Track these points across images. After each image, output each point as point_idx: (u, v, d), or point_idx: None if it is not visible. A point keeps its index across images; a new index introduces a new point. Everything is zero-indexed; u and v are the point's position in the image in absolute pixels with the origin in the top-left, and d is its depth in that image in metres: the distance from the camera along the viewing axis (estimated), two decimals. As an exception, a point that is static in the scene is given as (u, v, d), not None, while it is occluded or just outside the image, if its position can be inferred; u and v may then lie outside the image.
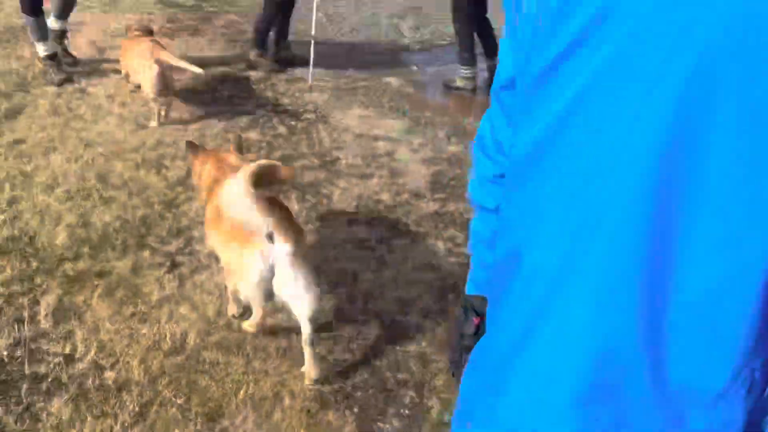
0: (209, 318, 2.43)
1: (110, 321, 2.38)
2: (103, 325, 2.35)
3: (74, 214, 3.00)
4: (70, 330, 2.33)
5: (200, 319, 2.42)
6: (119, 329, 2.34)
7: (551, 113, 0.70)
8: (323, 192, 3.39)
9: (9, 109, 3.98)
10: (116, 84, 4.46)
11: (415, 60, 5.67)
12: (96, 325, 2.35)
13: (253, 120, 4.17)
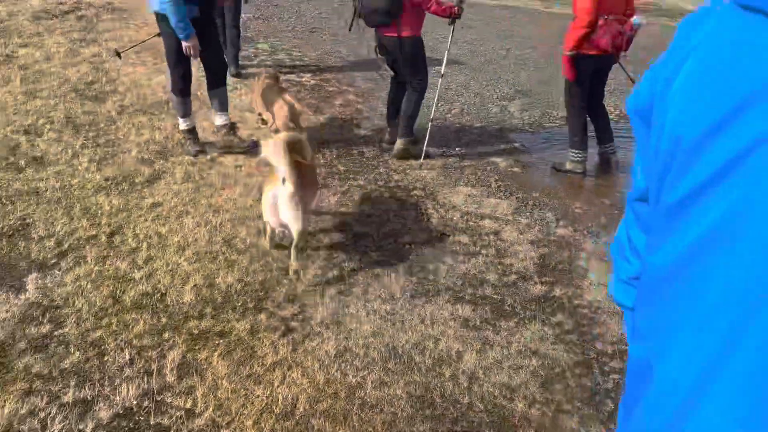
0: (319, 385, 2.53)
1: (228, 380, 2.53)
2: (222, 384, 2.50)
3: (201, 274, 3.26)
4: (192, 385, 2.50)
5: (310, 386, 2.52)
6: (236, 389, 2.48)
7: (688, 238, 0.75)
8: (429, 268, 3.46)
9: (150, 174, 4.42)
10: (239, 148, 4.85)
11: (523, 141, 5.74)
12: (215, 382, 2.51)
13: (366, 194, 4.37)
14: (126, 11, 9.68)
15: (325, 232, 3.80)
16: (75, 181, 4.21)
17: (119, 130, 5.15)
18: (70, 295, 3.01)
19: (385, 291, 3.22)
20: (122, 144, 4.89)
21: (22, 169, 4.33)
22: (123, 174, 4.37)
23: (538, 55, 9.16)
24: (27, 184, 4.11)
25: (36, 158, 4.52)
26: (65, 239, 3.51)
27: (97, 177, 4.28)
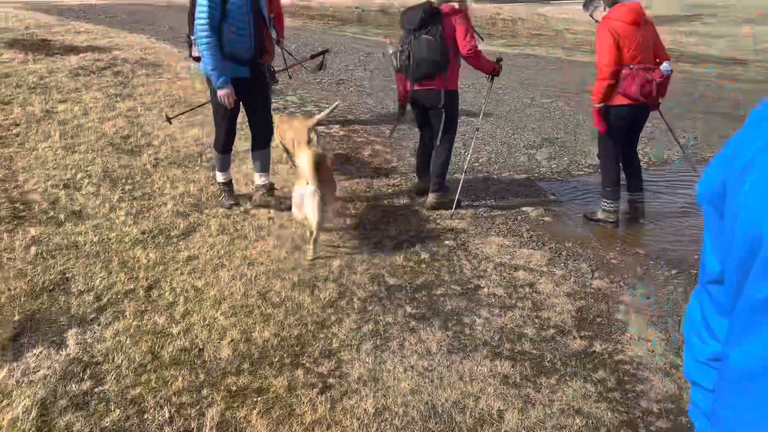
0: (358, 446, 2.49)
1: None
2: (261, 443, 2.48)
3: (238, 329, 3.27)
4: (231, 445, 2.47)
5: (350, 446, 2.48)
6: (275, 449, 2.46)
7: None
8: (465, 321, 3.43)
9: (186, 227, 4.49)
10: (276, 207, 4.91)
11: (552, 189, 5.74)
12: (255, 442, 2.49)
13: (397, 245, 4.38)
14: (159, 66, 10.03)
15: (358, 285, 3.79)
16: (113, 235, 4.29)
17: (155, 183, 5.27)
18: (109, 350, 3.04)
19: (421, 346, 3.18)
20: (158, 197, 5.00)
21: (62, 223, 4.43)
22: (159, 227, 4.45)
23: (563, 104, 9.22)
24: (66, 238, 4.21)
25: (75, 212, 4.63)
26: (104, 293, 3.56)
27: (134, 230, 4.36)
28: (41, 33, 12.22)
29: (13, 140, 6.20)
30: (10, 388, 2.75)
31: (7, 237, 4.17)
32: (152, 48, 11.72)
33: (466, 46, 4.66)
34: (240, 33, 4.30)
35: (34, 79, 8.65)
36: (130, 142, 6.33)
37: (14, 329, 3.19)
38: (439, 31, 4.59)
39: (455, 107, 4.85)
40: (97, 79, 8.91)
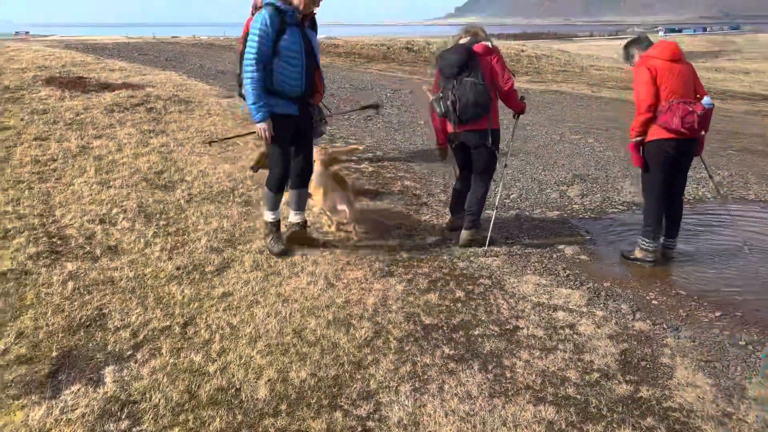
0: (402, 494, 2.41)
1: (308, 485, 2.43)
2: (302, 489, 2.41)
3: (274, 368, 3.22)
4: (271, 490, 2.41)
5: (393, 494, 2.40)
6: (317, 495, 2.38)
7: None
8: (505, 364, 3.35)
9: (220, 263, 4.49)
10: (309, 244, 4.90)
11: (586, 227, 5.65)
12: (295, 488, 2.42)
13: (432, 282, 4.33)
14: (191, 103, 10.23)
15: (393, 323, 3.74)
16: (148, 270, 4.31)
17: (188, 219, 5.31)
18: (147, 389, 3.01)
19: (461, 389, 3.11)
20: (192, 232, 5.03)
21: (98, 258, 4.47)
22: (194, 262, 4.46)
23: (593, 140, 9.18)
24: (103, 273, 4.23)
25: (111, 247, 4.67)
26: (140, 330, 3.56)
27: (169, 266, 4.38)
28: (77, 70, 12.60)
29: (50, 175, 6.33)
30: (49, 426, 2.73)
31: (45, 272, 4.21)
32: (184, 85, 11.99)
33: (507, 83, 4.67)
34: (292, 70, 4.31)
35: (71, 115, 8.87)
36: (164, 177, 6.41)
37: (52, 365, 3.19)
38: (480, 73, 4.60)
39: (497, 145, 4.84)
40: (131, 116, 9.11)
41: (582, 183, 7.03)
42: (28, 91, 10.16)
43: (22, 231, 4.87)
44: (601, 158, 8.16)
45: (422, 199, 6.25)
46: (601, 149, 8.66)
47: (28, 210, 5.32)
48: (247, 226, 5.24)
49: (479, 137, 4.77)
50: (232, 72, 14.45)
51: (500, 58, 4.71)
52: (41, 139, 7.60)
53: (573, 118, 11.09)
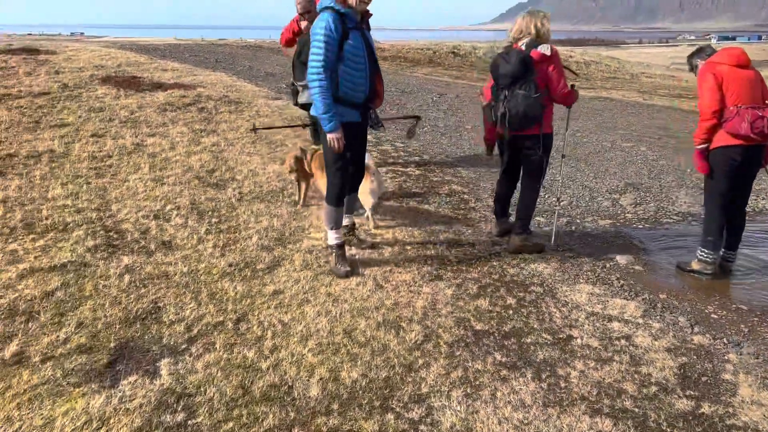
0: (457, 500, 2.37)
1: (361, 486, 2.42)
2: (355, 490, 2.40)
3: (325, 367, 3.23)
4: (324, 489, 2.41)
5: (448, 500, 2.37)
6: (370, 497, 2.37)
7: None
8: (559, 373, 3.28)
9: (271, 261, 4.54)
10: (357, 246, 4.91)
11: (640, 237, 5.51)
12: (349, 488, 2.41)
13: (481, 288, 4.28)
14: (241, 103, 10.39)
15: (443, 328, 3.71)
16: (201, 266, 4.38)
17: (240, 217, 5.39)
18: (201, 383, 3.05)
19: (514, 396, 3.05)
20: (243, 230, 5.09)
21: (153, 253, 4.56)
22: (245, 260, 4.52)
23: (645, 148, 8.96)
24: (157, 268, 4.32)
25: (165, 242, 4.77)
26: (194, 324, 3.61)
27: (221, 262, 4.44)
28: (131, 70, 12.95)
29: (106, 171, 6.51)
30: (108, 414, 2.79)
31: (103, 264, 4.32)
32: (234, 86, 12.20)
33: (562, 92, 4.58)
34: (357, 76, 4.09)
35: (125, 113, 9.12)
36: (215, 176, 6.52)
37: (110, 356, 3.26)
38: (534, 83, 4.50)
39: (549, 150, 4.76)
40: (183, 115, 9.31)
41: (635, 192, 6.86)
42: (86, 90, 10.48)
43: (80, 224, 5.01)
44: (654, 167, 7.96)
45: (470, 204, 6.20)
46: (654, 158, 8.44)
47: (86, 204, 5.47)
48: (297, 225, 5.28)
49: (530, 142, 4.70)
50: (280, 74, 14.65)
51: (557, 66, 4.59)
52: (98, 136, 7.83)
53: (624, 126, 10.85)
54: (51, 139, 7.51)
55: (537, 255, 4.88)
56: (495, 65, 4.70)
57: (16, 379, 3.02)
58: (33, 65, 12.31)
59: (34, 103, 9.29)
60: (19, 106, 9.03)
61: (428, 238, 5.19)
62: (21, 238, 4.66)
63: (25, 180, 6.00)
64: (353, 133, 4.25)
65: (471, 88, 16.23)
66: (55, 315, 3.63)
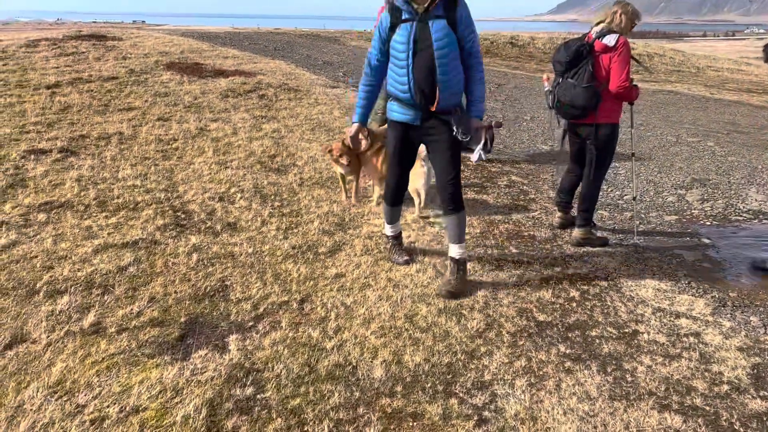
0: (523, 487, 2.37)
1: (427, 467, 2.45)
2: (421, 470, 2.42)
3: (388, 350, 3.26)
4: (391, 468, 2.44)
5: (514, 486, 2.37)
6: (436, 478, 2.39)
7: None
8: (625, 367, 3.22)
9: (332, 245, 4.60)
10: (418, 232, 4.93)
11: (708, 234, 5.33)
12: (414, 468, 2.44)
13: (543, 280, 4.23)
14: (299, 91, 10.53)
15: (505, 317, 3.69)
16: (266, 248, 4.47)
17: (301, 201, 5.47)
18: (269, 359, 3.13)
19: (579, 388, 3.02)
20: (304, 214, 5.18)
21: (219, 234, 4.69)
22: (307, 243, 4.59)
23: (713, 143, 8.65)
24: (224, 248, 4.44)
25: (230, 224, 4.89)
26: (260, 303, 3.70)
27: (284, 245, 4.53)
28: (194, 57, 13.27)
29: (172, 154, 6.71)
30: (182, 385, 2.89)
31: (172, 243, 4.47)
32: (292, 73, 12.36)
33: (620, 85, 4.40)
34: (398, 72, 3.74)
35: (189, 98, 9.36)
36: (277, 161, 6.64)
37: (181, 330, 3.38)
38: (587, 73, 4.41)
39: (611, 141, 4.64)
40: (244, 101, 9.49)
41: (702, 188, 6.64)
42: (151, 75, 10.81)
43: (149, 204, 5.19)
44: (722, 163, 7.67)
45: (530, 195, 6.12)
46: (723, 153, 8.13)
47: (154, 185, 5.66)
48: (356, 211, 5.33)
49: (588, 131, 4.62)
50: (338, 63, 14.76)
51: (621, 59, 4.41)
52: (163, 120, 8.07)
53: (690, 120, 10.49)
54: (120, 121, 7.79)
55: (600, 249, 4.79)
56: (558, 49, 4.66)
57: (94, 348, 3.16)
58: (102, 51, 12.76)
59: (104, 87, 9.64)
60: (89, 89, 9.40)
61: (487, 228, 5.15)
62: (95, 215, 4.87)
63: (96, 160, 6.24)
64: (401, 133, 3.91)
65: (529, 79, 15.96)
66: (129, 289, 3.78)
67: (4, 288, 3.68)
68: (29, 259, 4.06)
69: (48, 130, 7.16)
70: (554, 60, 4.60)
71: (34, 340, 3.20)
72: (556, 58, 4.57)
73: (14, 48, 12.25)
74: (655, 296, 4.04)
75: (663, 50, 25.23)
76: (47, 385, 2.86)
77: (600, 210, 5.70)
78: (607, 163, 4.71)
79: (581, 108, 4.42)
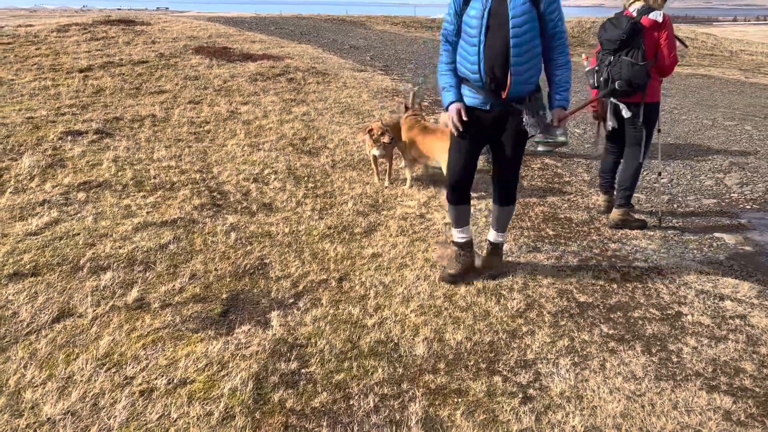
0: (573, 463, 2.36)
1: (474, 442, 2.44)
2: (469, 445, 2.42)
3: (429, 328, 3.26)
4: (438, 442, 2.44)
5: (563, 462, 2.36)
6: (485, 453, 2.39)
7: None
8: (670, 348, 3.18)
9: (367, 226, 4.60)
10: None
11: (749, 218, 5.22)
12: (462, 443, 2.44)
13: (581, 261, 4.19)
14: (327, 75, 10.50)
15: (546, 297, 3.65)
16: (302, 228, 4.49)
17: (334, 183, 5.48)
18: (311, 335, 3.15)
19: (625, 368, 2.98)
20: (338, 196, 5.18)
21: (255, 214, 4.71)
22: (342, 224, 4.60)
23: (750, 127, 8.45)
24: (261, 228, 4.46)
25: (266, 204, 4.91)
26: (300, 281, 3.72)
27: (320, 225, 4.54)
28: (222, 41, 13.31)
29: (205, 136, 6.75)
30: (227, 359, 2.92)
31: (210, 222, 4.50)
32: (320, 57, 12.33)
33: (670, 63, 4.35)
34: (468, 50, 3.33)
35: (219, 82, 9.40)
36: (308, 143, 6.64)
37: (223, 306, 3.41)
38: (641, 51, 4.33)
39: (653, 119, 4.57)
40: (273, 85, 9.50)
41: (740, 171, 6.50)
42: (181, 59, 10.87)
43: (185, 184, 5.23)
44: (761, 146, 7.50)
45: (564, 178, 6.05)
46: (761, 137, 7.95)
47: (188, 166, 5.70)
48: (389, 193, 5.32)
49: (632, 111, 4.53)
50: (364, 47, 14.70)
51: (669, 34, 4.38)
52: (194, 103, 8.12)
53: (725, 104, 10.26)
54: (152, 104, 7.85)
55: (639, 231, 4.72)
56: (603, 27, 4.56)
57: (139, 322, 3.21)
58: (131, 35, 12.86)
59: (134, 70, 9.72)
60: (120, 73, 9.48)
61: (522, 210, 5.11)
62: (133, 195, 4.92)
63: (131, 141, 6.31)
64: (471, 120, 3.47)
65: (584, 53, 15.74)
66: (170, 266, 3.82)
67: (50, 264, 3.74)
68: (71, 236, 4.13)
69: (83, 112, 7.25)
70: (604, 38, 4.49)
71: (81, 314, 3.25)
72: (606, 36, 4.47)
73: (46, 33, 12.40)
74: (697, 279, 3.98)
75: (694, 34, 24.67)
76: (95, 357, 2.91)
77: (637, 193, 5.61)
78: (648, 141, 4.63)
79: (638, 86, 4.35)
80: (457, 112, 3.45)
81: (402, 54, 14.50)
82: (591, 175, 6.21)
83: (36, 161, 5.43)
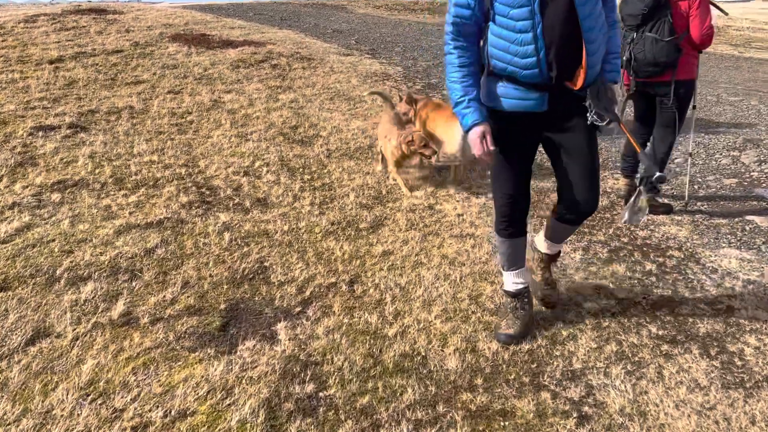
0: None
1: (533, 477, 2.07)
2: (527, 482, 2.05)
3: (459, 336, 2.88)
4: (490, 479, 2.07)
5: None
6: (548, 491, 2.02)
7: None
8: (730, 349, 2.83)
9: (373, 220, 4.20)
10: (463, 203, 4.52)
11: (775, 197, 4.91)
12: (519, 479, 2.07)
13: (612, 252, 3.83)
14: (313, 60, 10.03)
15: (581, 295, 3.29)
16: (302, 225, 4.08)
17: (332, 174, 5.06)
18: (326, 349, 2.75)
19: (685, 376, 2.63)
20: (337, 188, 4.77)
21: (249, 210, 4.29)
22: (346, 218, 4.19)
23: (757, 102, 8.16)
24: (256, 226, 4.04)
25: (260, 199, 4.48)
26: (306, 285, 3.31)
27: (322, 221, 4.13)
28: (199, 28, 12.72)
29: (188, 127, 6.27)
30: (232, 383, 2.52)
31: (200, 222, 4.07)
32: (303, 42, 11.83)
33: (704, 35, 3.94)
34: (513, 37, 2.41)
35: (199, 70, 8.88)
36: (299, 132, 6.20)
37: (222, 318, 3.00)
38: (668, 24, 3.94)
39: (689, 99, 4.20)
40: (257, 72, 9.01)
41: (756, 148, 6.19)
42: (157, 47, 10.31)
43: (170, 180, 4.78)
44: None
45: (575, 161, 5.68)
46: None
47: (172, 160, 5.25)
48: (392, 183, 4.92)
49: (661, 90, 4.16)
50: (347, 31, 14.20)
51: (702, 2, 3.98)
52: (174, 93, 7.62)
53: (725, 80, 9.98)
54: (128, 95, 7.34)
55: (666, 216, 4.37)
56: (624, 3, 4.15)
57: (127, 342, 2.79)
58: (103, 24, 12.23)
59: (108, 60, 9.16)
60: (94, 63, 8.92)
61: (538, 197, 4.74)
62: (113, 194, 4.47)
63: (109, 135, 5.82)
64: (522, 129, 2.60)
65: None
66: (158, 274, 3.40)
67: (22, 276, 3.29)
68: (46, 243, 3.67)
69: (54, 105, 6.72)
70: (625, 13, 4.09)
71: (59, 334, 2.83)
72: (627, 11, 4.07)
73: (12, 23, 11.73)
74: (740, 267, 3.64)
75: (678, 12, 24.52)
76: (78, 386, 2.49)
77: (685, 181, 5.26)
78: (681, 121, 4.26)
79: (664, 64, 3.96)
80: (482, 138, 2.50)
81: (388, 37, 14.03)
82: (611, 158, 5.85)
83: (4, 160, 4.94)
